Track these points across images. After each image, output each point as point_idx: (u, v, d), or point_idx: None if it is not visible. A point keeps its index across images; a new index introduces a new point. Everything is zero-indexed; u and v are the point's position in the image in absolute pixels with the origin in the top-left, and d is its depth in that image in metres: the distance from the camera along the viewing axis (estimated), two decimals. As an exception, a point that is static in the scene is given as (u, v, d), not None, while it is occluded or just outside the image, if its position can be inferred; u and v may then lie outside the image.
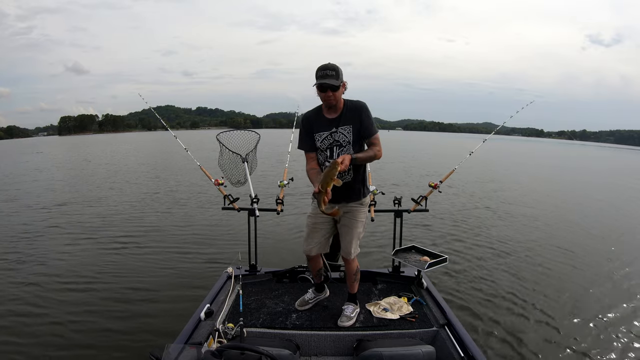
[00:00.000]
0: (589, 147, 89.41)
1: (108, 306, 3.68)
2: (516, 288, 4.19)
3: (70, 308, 3.63)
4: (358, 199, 2.27)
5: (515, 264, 4.98)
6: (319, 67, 2.02)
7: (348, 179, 2.18)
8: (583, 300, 4.00)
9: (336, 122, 2.12)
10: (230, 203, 2.87)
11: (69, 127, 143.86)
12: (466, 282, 4.29)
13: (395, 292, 2.68)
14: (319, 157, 2.19)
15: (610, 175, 18.95)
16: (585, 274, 4.77)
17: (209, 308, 2.23)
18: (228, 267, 2.81)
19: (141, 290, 4.02)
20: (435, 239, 5.96)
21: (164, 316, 3.45)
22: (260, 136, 3.18)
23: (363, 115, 2.11)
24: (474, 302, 3.82)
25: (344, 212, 2.23)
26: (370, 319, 2.35)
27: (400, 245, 2.95)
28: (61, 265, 4.80)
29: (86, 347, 3.01)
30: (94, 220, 7.13)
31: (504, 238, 6.16)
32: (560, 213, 8.47)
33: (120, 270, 4.59)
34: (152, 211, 7.86)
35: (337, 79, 2.00)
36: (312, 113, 2.19)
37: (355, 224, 2.26)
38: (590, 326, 3.45)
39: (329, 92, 2.01)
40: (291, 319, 2.34)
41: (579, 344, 3.15)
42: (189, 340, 1.94)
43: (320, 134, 2.14)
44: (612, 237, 6.57)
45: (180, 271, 4.53)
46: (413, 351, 1.90)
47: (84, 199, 9.28)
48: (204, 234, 6.10)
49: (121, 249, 5.37)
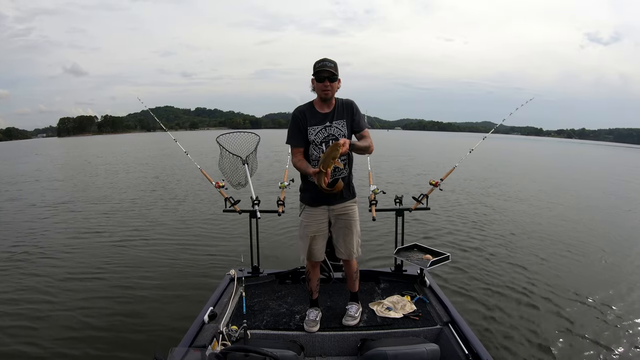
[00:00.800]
0: (587, 145, 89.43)
1: (111, 309, 3.67)
2: (520, 285, 4.19)
3: (70, 313, 3.63)
4: (354, 196, 2.27)
5: (519, 260, 4.98)
6: (318, 60, 2.06)
7: (344, 173, 2.19)
8: (590, 296, 3.98)
9: (330, 116, 2.14)
10: (232, 205, 2.86)
11: (68, 128, 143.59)
12: (469, 280, 4.29)
13: (398, 291, 2.68)
14: (314, 151, 2.16)
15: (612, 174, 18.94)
16: (593, 269, 4.78)
17: (212, 311, 2.23)
18: (230, 270, 2.81)
19: (144, 294, 4.02)
20: (437, 237, 5.96)
21: (167, 319, 3.44)
22: (260, 138, 3.18)
23: (354, 110, 2.18)
24: (478, 300, 3.82)
25: (340, 213, 2.22)
26: (374, 318, 2.35)
27: (402, 244, 2.95)
28: (65, 264, 4.85)
29: (88, 351, 3.01)
30: (96, 221, 7.14)
31: (507, 235, 6.17)
32: (564, 211, 8.46)
33: (122, 273, 4.58)
34: (154, 214, 7.85)
35: (335, 70, 2.05)
36: (305, 107, 2.18)
37: (355, 223, 2.26)
38: (598, 322, 3.44)
39: (327, 82, 2.04)
40: (295, 320, 2.34)
41: (586, 341, 3.14)
42: (193, 343, 1.94)
43: (314, 127, 2.13)
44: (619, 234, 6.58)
45: (183, 274, 4.53)
46: (417, 350, 1.89)
47: (86, 203, 9.28)
48: (206, 237, 6.10)
49: (122, 253, 5.35)
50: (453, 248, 5.34)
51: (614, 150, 62.91)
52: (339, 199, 2.20)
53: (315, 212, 2.21)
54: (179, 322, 3.20)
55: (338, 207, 2.22)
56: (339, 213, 2.22)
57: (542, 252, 5.29)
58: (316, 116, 2.14)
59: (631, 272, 4.73)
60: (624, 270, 4.81)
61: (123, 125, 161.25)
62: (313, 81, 2.09)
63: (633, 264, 5.03)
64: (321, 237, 2.25)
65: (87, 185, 11.95)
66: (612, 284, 4.31)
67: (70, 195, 10.12)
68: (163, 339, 3.08)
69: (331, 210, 2.22)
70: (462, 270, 4.55)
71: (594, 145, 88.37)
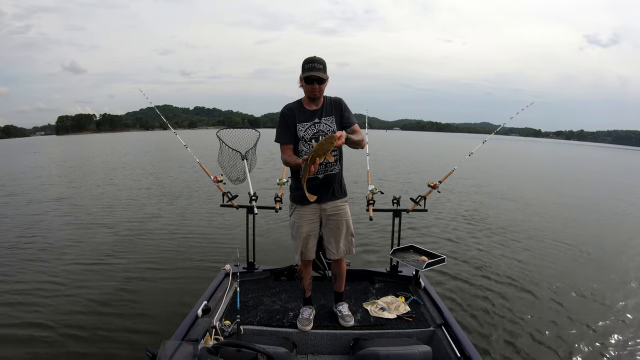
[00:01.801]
0: (587, 147, 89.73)
1: (103, 300, 3.67)
2: (514, 289, 4.20)
3: (62, 304, 3.63)
4: (345, 195, 2.26)
5: (514, 264, 4.99)
6: (306, 59, 2.02)
7: (336, 170, 2.17)
8: (581, 301, 4.01)
9: (319, 113, 2.14)
10: (229, 200, 2.86)
11: (66, 126, 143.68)
12: (464, 283, 4.29)
13: (393, 291, 2.68)
14: (303, 147, 2.14)
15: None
16: (585, 273, 4.78)
17: (206, 305, 2.22)
18: (226, 265, 2.80)
19: (137, 286, 4.03)
20: (433, 238, 5.97)
21: (161, 312, 3.45)
22: (260, 134, 3.17)
23: (343, 106, 2.18)
24: (472, 303, 3.82)
25: (332, 213, 2.20)
26: (368, 318, 2.36)
27: (399, 245, 2.96)
28: (61, 257, 4.82)
29: (81, 343, 3.01)
30: (92, 214, 7.12)
31: (503, 239, 6.17)
32: (560, 213, 8.48)
33: (117, 265, 4.59)
34: (150, 208, 7.85)
35: (324, 72, 2.02)
36: (294, 105, 2.16)
37: (348, 221, 2.25)
38: (588, 327, 3.46)
39: (315, 85, 2.03)
40: (288, 317, 2.34)
41: (576, 346, 3.15)
42: (186, 337, 1.94)
43: (303, 124, 2.12)
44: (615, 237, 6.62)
45: (178, 268, 4.53)
46: (410, 351, 1.89)
47: (83, 198, 9.24)
48: (202, 232, 6.10)
49: (117, 245, 5.36)
50: (449, 250, 5.35)
51: (615, 152, 63.06)
52: (330, 197, 2.18)
53: (306, 212, 2.18)
54: (172, 315, 3.21)
55: (329, 206, 2.19)
56: (330, 213, 2.20)
57: (539, 256, 5.28)
58: (305, 113, 2.14)
59: (631, 272, 4.77)
60: (622, 271, 4.85)
61: (122, 124, 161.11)
62: (301, 80, 2.06)
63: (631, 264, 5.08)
64: (313, 237, 2.24)
65: (85, 181, 11.89)
66: (611, 285, 4.36)
67: (67, 192, 10.08)
68: (155, 332, 3.09)
69: (322, 210, 2.19)
70: (458, 273, 4.55)
71: (594, 147, 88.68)
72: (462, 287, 4.17)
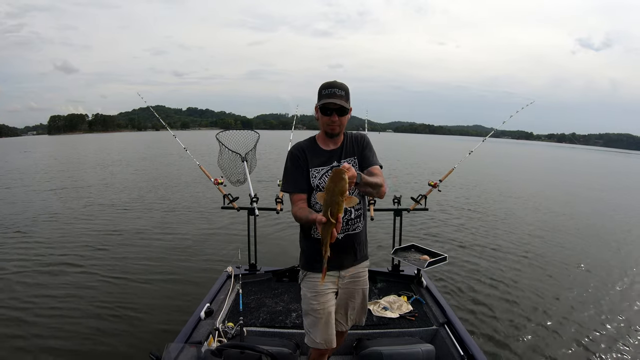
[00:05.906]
0: (579, 150, 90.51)
1: (107, 303, 3.64)
2: (516, 287, 4.23)
3: (64, 307, 3.59)
4: (366, 258, 1.80)
5: (515, 263, 5.03)
6: (325, 84, 1.58)
7: (360, 227, 1.70)
8: (583, 300, 4.03)
9: (338, 154, 1.67)
10: (230, 202, 2.85)
11: (58, 126, 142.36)
12: (466, 281, 4.31)
13: (395, 291, 2.68)
14: (318, 200, 1.55)
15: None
16: (585, 274, 4.82)
17: (208, 307, 2.21)
18: (228, 267, 2.80)
19: (140, 289, 3.99)
20: (434, 237, 5.99)
21: (164, 315, 3.42)
22: (260, 136, 3.18)
23: (365, 143, 1.71)
24: (474, 301, 3.84)
25: (349, 281, 1.73)
26: (370, 317, 2.35)
27: (400, 244, 2.96)
28: (60, 259, 4.80)
29: (84, 347, 2.97)
30: (93, 220, 7.05)
31: (504, 237, 6.21)
32: (559, 215, 8.54)
33: (119, 267, 4.55)
34: (151, 211, 7.78)
35: (347, 100, 1.57)
36: (305, 144, 1.69)
37: (364, 290, 1.80)
38: (588, 325, 3.48)
39: (335, 117, 1.57)
40: (291, 318, 2.33)
41: (583, 342, 3.18)
42: (189, 340, 1.92)
43: (318, 169, 1.64)
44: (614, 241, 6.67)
45: (180, 270, 4.50)
46: (413, 350, 1.90)
47: (81, 199, 9.16)
48: (204, 234, 6.06)
49: (119, 247, 5.32)
50: (451, 249, 5.36)
51: (607, 155, 63.62)
52: (351, 262, 1.72)
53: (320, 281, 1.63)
54: (175, 317, 3.19)
55: (349, 273, 1.72)
56: (347, 280, 1.73)
57: (540, 257, 5.32)
58: (320, 155, 1.66)
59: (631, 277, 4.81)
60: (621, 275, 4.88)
61: (114, 124, 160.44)
62: (317, 110, 1.60)
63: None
64: (331, 314, 1.70)
65: (85, 182, 11.78)
66: (613, 285, 4.40)
67: (67, 192, 9.98)
68: (159, 334, 3.07)
69: (341, 278, 1.71)
70: (460, 271, 4.58)
71: (585, 150, 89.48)
72: (465, 286, 4.19)
